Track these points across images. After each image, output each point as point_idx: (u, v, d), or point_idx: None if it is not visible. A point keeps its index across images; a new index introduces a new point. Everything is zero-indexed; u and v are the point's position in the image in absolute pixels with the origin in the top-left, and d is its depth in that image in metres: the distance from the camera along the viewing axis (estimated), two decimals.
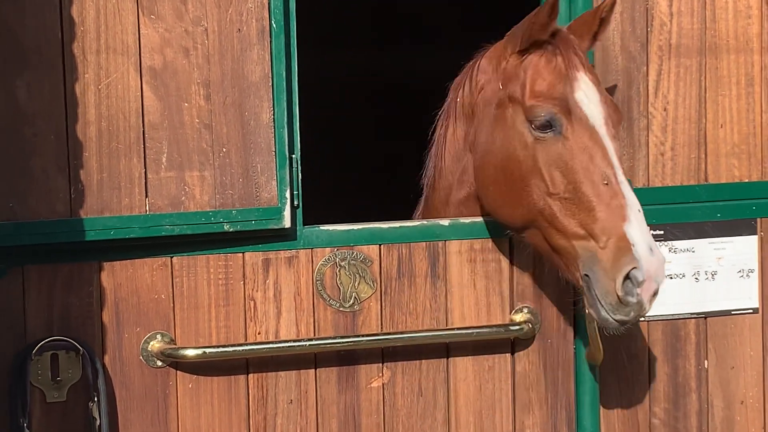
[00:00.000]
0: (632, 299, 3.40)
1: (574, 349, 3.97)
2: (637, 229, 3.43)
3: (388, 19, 8.83)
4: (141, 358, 3.62)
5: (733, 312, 4.14)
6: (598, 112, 3.59)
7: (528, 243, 3.73)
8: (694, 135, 4.08)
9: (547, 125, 3.55)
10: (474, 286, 3.87)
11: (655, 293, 3.44)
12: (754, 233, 4.13)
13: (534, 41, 3.66)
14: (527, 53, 3.67)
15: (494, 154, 3.67)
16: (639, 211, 3.48)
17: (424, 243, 3.84)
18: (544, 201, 3.55)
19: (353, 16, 8.65)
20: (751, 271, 4.13)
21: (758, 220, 4.14)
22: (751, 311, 4.16)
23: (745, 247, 4.12)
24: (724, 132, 4.12)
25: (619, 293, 3.40)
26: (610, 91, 3.95)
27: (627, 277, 3.40)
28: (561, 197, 3.53)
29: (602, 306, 3.45)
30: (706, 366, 4.13)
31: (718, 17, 4.09)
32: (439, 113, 4.02)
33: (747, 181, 4.14)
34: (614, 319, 3.46)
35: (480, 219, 3.87)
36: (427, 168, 4.08)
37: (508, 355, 3.93)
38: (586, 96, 3.59)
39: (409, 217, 4.22)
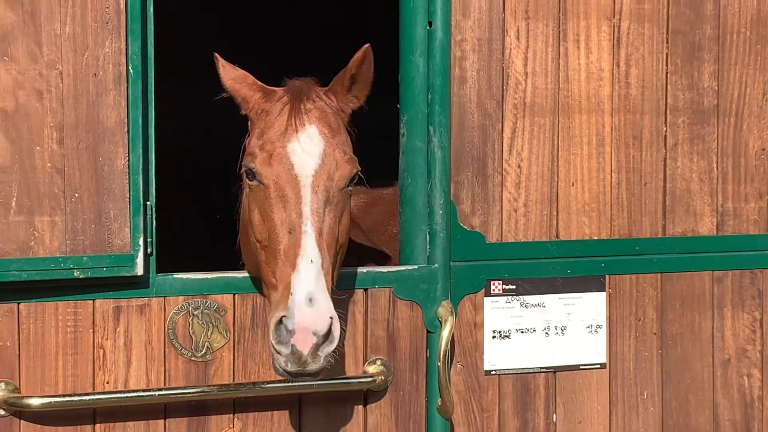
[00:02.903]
0: (284, 349, 3.33)
1: (426, 401, 3.99)
2: (302, 278, 3.37)
3: None
4: None
5: (581, 367, 4.23)
6: (309, 164, 3.56)
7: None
8: (547, 192, 4.17)
9: (250, 174, 3.58)
10: None
11: (318, 346, 3.33)
12: (603, 290, 4.24)
13: (259, 97, 3.72)
14: (270, 110, 3.69)
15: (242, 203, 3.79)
16: (311, 261, 3.40)
17: None
18: (256, 248, 3.58)
19: None
20: (600, 326, 4.23)
21: (606, 276, 4.24)
22: (599, 366, 4.25)
23: (594, 303, 4.22)
24: (575, 190, 4.22)
25: (272, 340, 3.36)
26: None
27: (281, 323, 3.35)
28: (263, 245, 3.54)
29: (271, 354, 3.42)
30: (554, 420, 4.20)
31: (571, 78, 4.21)
32: None
33: (597, 238, 4.25)
34: (283, 369, 3.36)
35: None
36: None
37: (361, 406, 3.93)
38: (301, 147, 3.56)
39: None
